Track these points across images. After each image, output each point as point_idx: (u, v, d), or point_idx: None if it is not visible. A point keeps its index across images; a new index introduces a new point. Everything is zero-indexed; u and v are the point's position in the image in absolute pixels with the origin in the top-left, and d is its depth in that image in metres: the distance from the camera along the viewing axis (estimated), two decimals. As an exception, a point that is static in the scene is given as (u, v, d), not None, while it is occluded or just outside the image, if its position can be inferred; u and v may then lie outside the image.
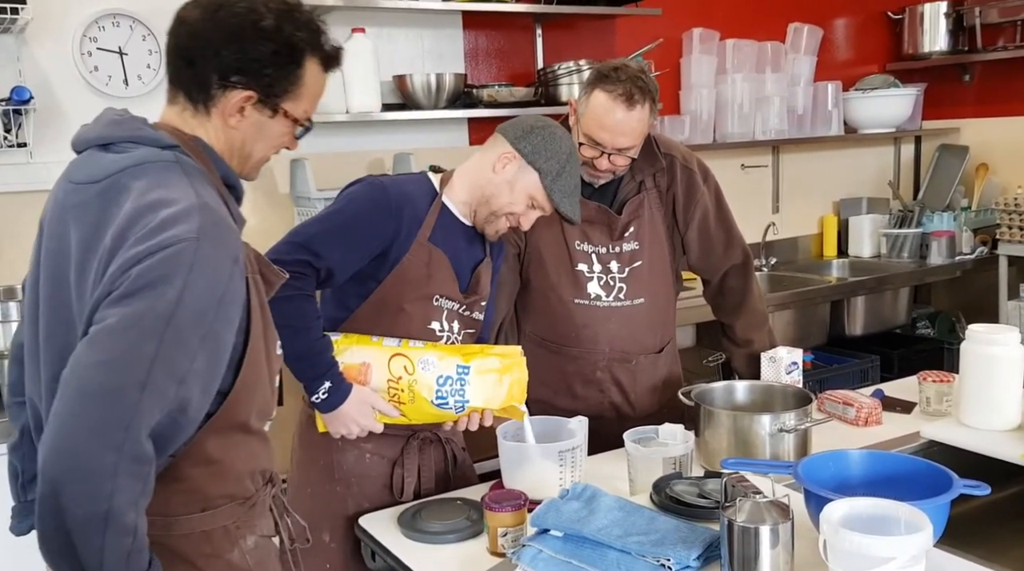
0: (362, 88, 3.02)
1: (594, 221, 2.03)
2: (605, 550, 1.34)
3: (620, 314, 2.04)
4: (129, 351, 1.04)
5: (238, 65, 1.21)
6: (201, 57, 1.22)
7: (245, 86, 1.22)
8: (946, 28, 4.34)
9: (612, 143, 1.90)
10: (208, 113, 1.24)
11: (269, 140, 1.30)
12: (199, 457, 1.21)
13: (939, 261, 4.04)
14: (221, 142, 1.27)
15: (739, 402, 1.90)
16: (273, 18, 1.22)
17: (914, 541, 1.11)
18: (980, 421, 1.85)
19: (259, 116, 1.26)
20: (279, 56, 1.23)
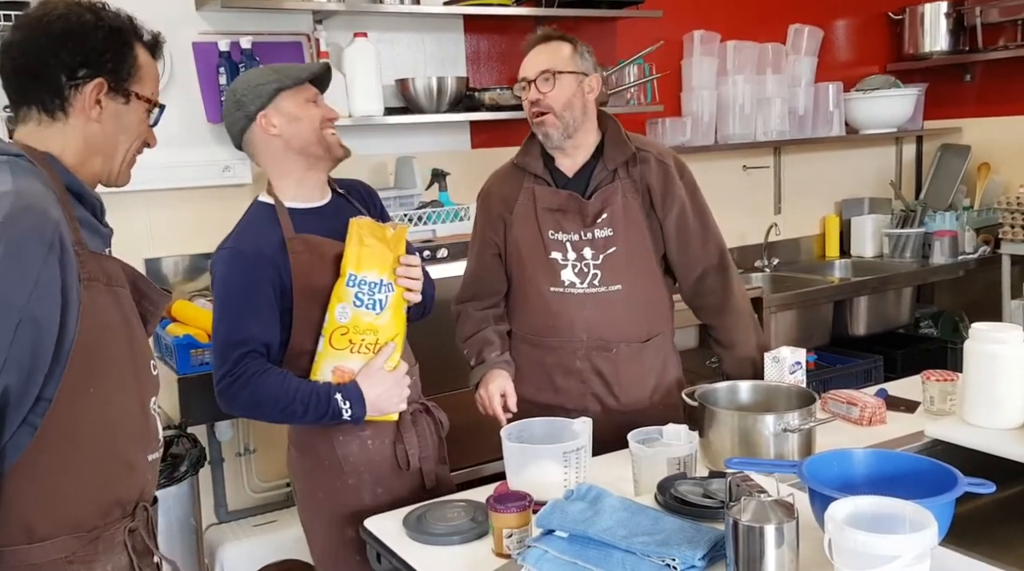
0: (364, 92, 3.03)
1: (566, 209, 2.05)
2: (610, 550, 1.34)
3: (595, 301, 2.04)
4: None
5: (80, 59, 1.27)
6: (44, 65, 1.26)
7: (93, 76, 1.28)
8: (947, 28, 4.35)
9: (531, 70, 2.01)
10: (67, 115, 1.28)
11: (129, 130, 1.34)
12: (26, 477, 1.15)
13: (942, 261, 4.04)
14: (80, 147, 1.29)
15: (743, 402, 1.90)
16: (91, 13, 1.30)
17: (919, 539, 1.11)
18: (984, 420, 1.85)
19: (115, 105, 1.31)
20: (111, 41, 1.30)
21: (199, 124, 2.96)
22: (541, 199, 2.08)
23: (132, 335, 1.28)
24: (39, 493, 1.17)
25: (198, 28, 2.94)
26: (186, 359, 2.60)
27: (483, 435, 3.00)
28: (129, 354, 1.28)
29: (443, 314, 2.89)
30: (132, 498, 1.29)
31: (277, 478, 3.24)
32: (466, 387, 2.94)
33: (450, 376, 2.93)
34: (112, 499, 1.25)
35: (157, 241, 2.94)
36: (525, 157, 2.12)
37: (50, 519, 1.18)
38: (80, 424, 1.18)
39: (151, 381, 1.34)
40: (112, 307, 1.24)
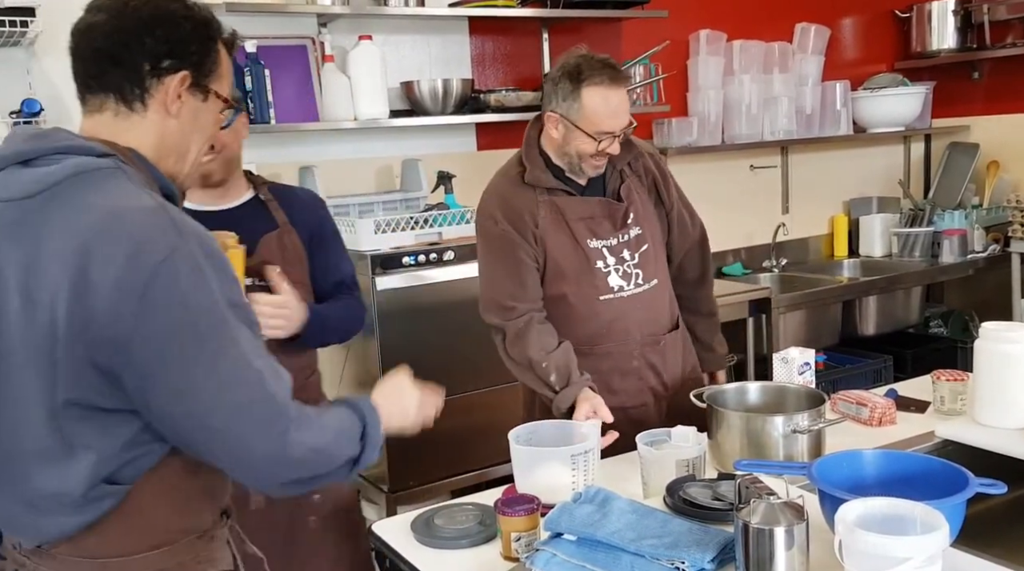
0: (370, 95, 3.03)
1: (597, 215, 2.05)
2: (619, 553, 1.33)
3: (643, 299, 2.08)
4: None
5: (167, 48, 1.20)
6: (127, 50, 1.19)
7: (178, 68, 1.21)
8: (954, 26, 4.33)
9: (619, 125, 1.95)
10: (145, 108, 1.21)
11: (204, 130, 1.28)
12: (162, 486, 1.17)
13: (951, 260, 4.02)
14: (156, 143, 1.23)
15: (751, 404, 1.90)
16: (178, 2, 1.23)
17: (930, 541, 1.10)
18: (995, 419, 1.84)
19: (194, 102, 1.24)
20: (198, 33, 1.23)
21: (205, 128, 2.96)
22: (569, 209, 2.02)
23: None
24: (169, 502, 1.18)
25: (203, 32, 2.95)
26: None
27: (490, 439, 3.00)
28: None
29: (452, 317, 2.89)
30: (227, 500, 1.32)
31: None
32: (474, 389, 2.95)
33: (458, 379, 2.93)
34: (223, 503, 1.29)
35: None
36: (535, 172, 2.02)
37: (175, 526, 1.20)
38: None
39: None
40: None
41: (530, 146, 2.05)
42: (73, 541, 1.15)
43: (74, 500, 1.12)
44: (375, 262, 2.75)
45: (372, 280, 2.75)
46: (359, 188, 3.28)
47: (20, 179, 1.14)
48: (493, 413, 3.00)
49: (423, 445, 2.87)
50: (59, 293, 1.06)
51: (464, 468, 2.97)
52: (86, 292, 1.05)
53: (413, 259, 2.80)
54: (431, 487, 2.91)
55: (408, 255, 2.80)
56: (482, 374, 2.96)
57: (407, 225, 2.87)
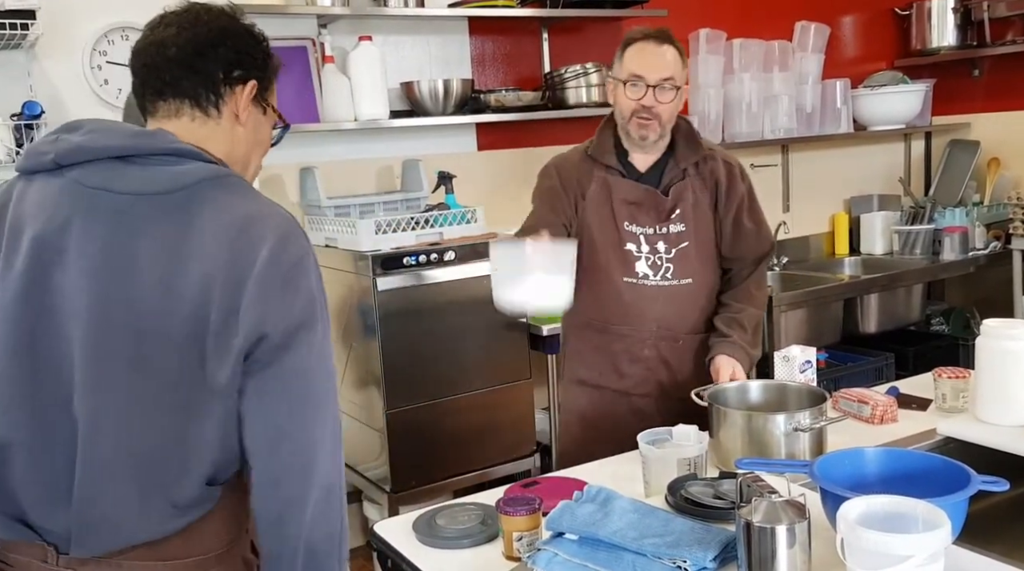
0: (370, 96, 3.04)
1: (642, 202, 2.09)
2: (621, 552, 1.33)
3: (667, 293, 2.09)
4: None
5: (237, 58, 1.27)
6: (202, 59, 1.25)
7: (247, 78, 1.28)
8: (954, 23, 4.33)
9: (652, 74, 2.00)
10: (219, 114, 1.27)
11: (262, 143, 1.35)
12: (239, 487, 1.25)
13: (952, 257, 4.02)
14: (228, 151, 1.29)
15: (753, 402, 1.90)
16: (239, 20, 1.31)
17: (933, 538, 1.10)
18: (997, 417, 1.83)
19: (256, 113, 1.31)
20: (261, 49, 1.31)
21: (205, 130, 2.97)
22: (617, 190, 2.10)
23: None
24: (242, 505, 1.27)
25: (203, 34, 2.95)
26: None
27: (492, 439, 3.01)
28: None
29: (453, 318, 2.89)
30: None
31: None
32: (475, 389, 2.95)
33: (460, 379, 2.93)
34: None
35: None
36: (599, 149, 2.12)
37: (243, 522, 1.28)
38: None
39: None
40: None
41: (605, 124, 2.15)
42: (153, 546, 1.18)
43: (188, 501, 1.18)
44: (376, 262, 2.75)
45: (373, 281, 2.75)
46: (360, 189, 3.28)
47: (140, 175, 1.18)
48: (494, 413, 3.00)
49: (425, 445, 2.88)
50: (209, 287, 1.13)
51: (466, 468, 2.97)
52: (236, 285, 1.13)
53: (414, 259, 2.81)
54: (433, 487, 2.91)
55: (409, 255, 2.80)
56: (483, 374, 2.96)
57: (408, 225, 2.88)
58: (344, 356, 3.03)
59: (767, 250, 2.22)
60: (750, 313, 2.15)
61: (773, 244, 2.25)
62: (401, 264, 2.79)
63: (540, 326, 3.04)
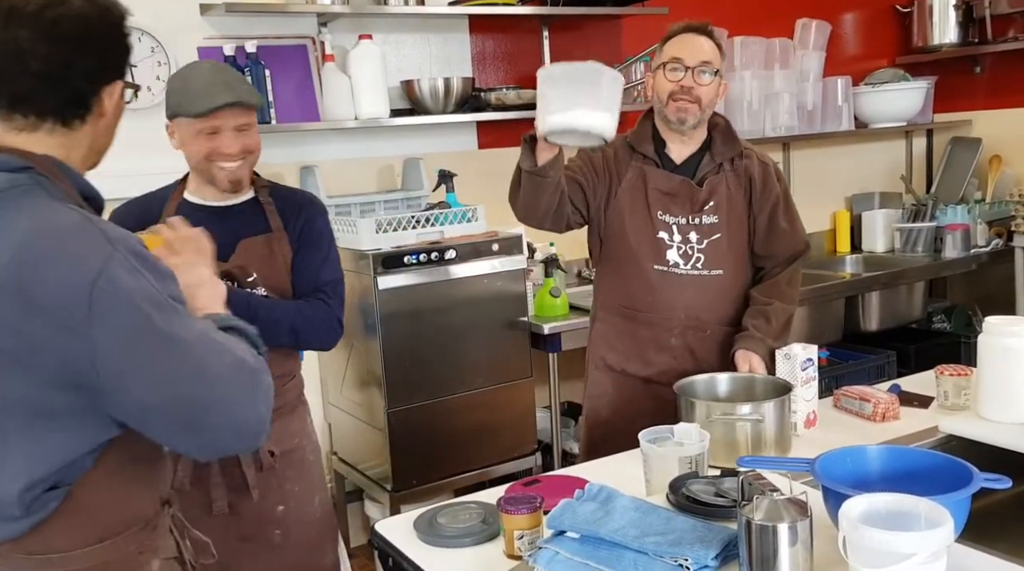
0: (370, 94, 3.03)
1: (676, 193, 2.13)
2: (622, 551, 1.33)
3: (697, 283, 2.11)
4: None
5: (101, 64, 1.18)
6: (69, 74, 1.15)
7: (112, 79, 1.20)
8: (956, 20, 4.32)
9: (691, 57, 2.05)
10: (84, 123, 1.18)
11: (119, 118, 1.26)
12: (102, 482, 1.17)
13: (954, 255, 4.02)
14: (87, 150, 1.22)
15: (720, 394, 1.93)
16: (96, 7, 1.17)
17: (935, 536, 1.10)
18: (999, 414, 1.83)
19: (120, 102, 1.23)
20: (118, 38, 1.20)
21: (206, 129, 2.96)
22: (652, 179, 2.13)
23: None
24: (115, 495, 1.19)
25: (203, 33, 2.95)
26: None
27: (493, 437, 3.00)
28: None
29: (455, 316, 2.89)
30: (167, 489, 1.33)
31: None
32: (476, 388, 2.95)
33: (461, 378, 2.93)
34: (164, 493, 1.30)
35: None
36: (638, 137, 2.16)
37: (119, 518, 1.21)
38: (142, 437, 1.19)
39: None
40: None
41: (645, 117, 2.20)
42: (17, 542, 1.16)
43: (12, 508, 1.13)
44: (377, 261, 2.75)
45: (374, 279, 2.75)
46: (360, 187, 3.27)
47: None
48: (495, 412, 3.00)
49: (426, 444, 2.88)
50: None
51: (467, 467, 2.97)
52: (31, 315, 1.05)
53: (415, 258, 2.80)
54: (434, 486, 2.91)
55: (410, 254, 2.80)
56: (484, 373, 2.96)
57: (409, 224, 2.87)
58: (345, 355, 3.03)
59: (801, 249, 2.25)
60: (777, 307, 2.15)
61: (808, 244, 2.28)
62: (402, 263, 2.79)
63: (541, 325, 3.04)
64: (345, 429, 3.15)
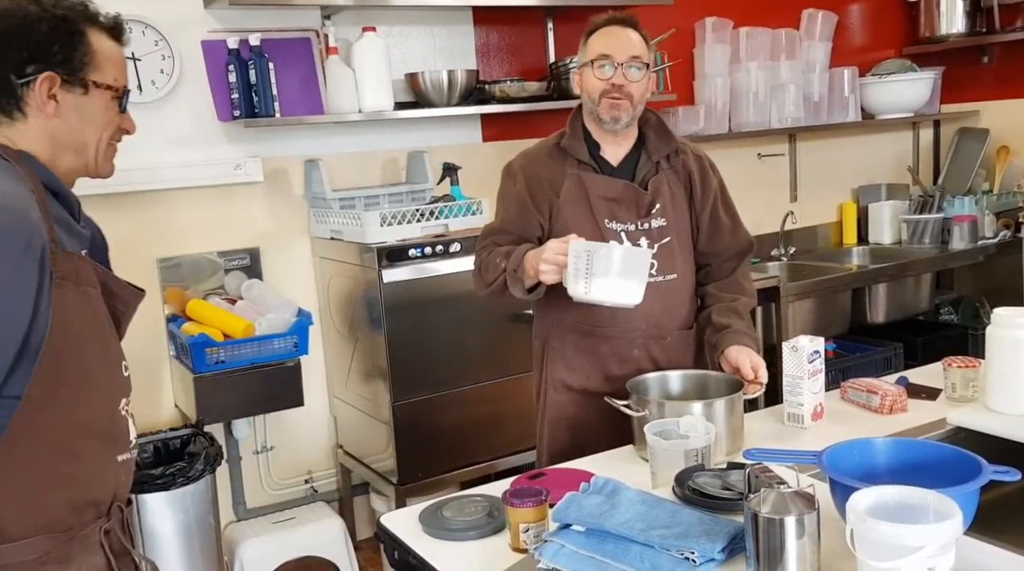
0: (374, 87, 3.02)
1: (621, 198, 2.04)
2: (628, 544, 1.32)
3: (654, 290, 2.02)
4: None
5: (27, 55, 1.22)
6: None
7: (42, 70, 1.23)
8: (963, 10, 4.29)
9: (620, 53, 1.98)
10: (25, 115, 1.24)
11: (95, 121, 1.30)
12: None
13: (961, 246, 4.00)
14: (48, 144, 1.26)
15: (673, 392, 1.93)
16: (34, 4, 1.24)
17: (944, 529, 1.09)
18: (1008, 406, 1.82)
19: (73, 98, 1.26)
20: (58, 31, 1.24)
21: (210, 122, 2.96)
22: (593, 186, 2.03)
23: (102, 336, 1.27)
24: (8, 494, 1.16)
25: (207, 26, 2.94)
26: (201, 358, 2.60)
27: (498, 430, 3.00)
28: (100, 356, 1.26)
29: (459, 309, 2.88)
30: (106, 499, 1.28)
31: (294, 475, 3.24)
32: (481, 381, 2.95)
33: (465, 371, 2.92)
34: (85, 500, 1.24)
35: (169, 241, 2.94)
36: (572, 140, 2.06)
37: (21, 520, 1.17)
38: (48, 425, 1.18)
39: (122, 383, 1.32)
40: (83, 308, 1.22)
41: (575, 118, 2.10)
42: None
43: None
44: (381, 255, 2.74)
45: (378, 273, 2.74)
46: (365, 181, 3.27)
47: None
48: (500, 405, 3.00)
49: (431, 437, 2.88)
50: None
51: (472, 460, 2.97)
52: None
53: (419, 251, 2.80)
54: (440, 479, 2.91)
55: (414, 247, 2.79)
56: (489, 366, 2.96)
57: (413, 217, 2.87)
58: (350, 348, 3.03)
59: (746, 247, 2.16)
60: (744, 302, 2.11)
61: (751, 242, 2.18)
62: (407, 256, 2.78)
63: (546, 317, 3.03)
64: (350, 422, 3.15)
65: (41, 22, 1.23)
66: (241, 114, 2.90)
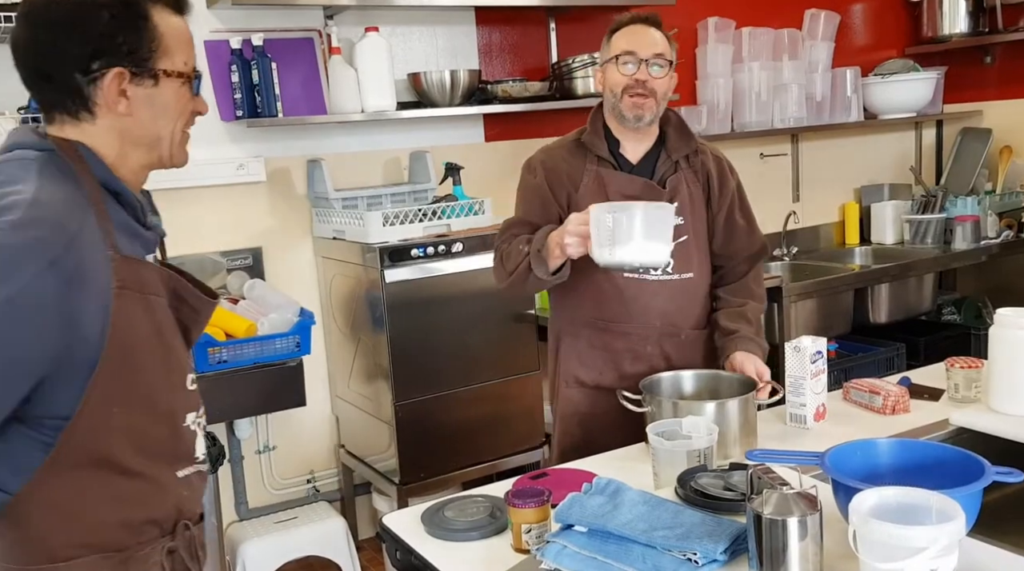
0: (377, 87, 3.02)
1: (639, 196, 2.04)
2: (630, 545, 1.33)
3: (670, 288, 2.06)
4: None
5: (90, 49, 1.11)
6: (52, 64, 1.11)
7: (110, 66, 1.12)
8: (966, 10, 4.29)
9: (643, 49, 1.98)
10: (93, 115, 1.14)
11: (169, 111, 1.19)
12: (42, 499, 1.08)
13: (964, 246, 3.99)
14: (117, 144, 1.16)
15: (686, 391, 1.93)
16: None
17: (946, 530, 1.09)
18: (1011, 407, 1.82)
19: (144, 91, 1.15)
20: (121, 18, 1.12)
21: (212, 122, 2.96)
22: (612, 183, 2.05)
23: (165, 349, 1.17)
24: (59, 514, 1.09)
25: (209, 26, 2.94)
26: (204, 357, 2.60)
27: (501, 430, 3.00)
28: (162, 370, 1.17)
29: (461, 309, 2.88)
30: (168, 517, 1.21)
31: (297, 475, 3.24)
32: (484, 381, 2.95)
33: (467, 371, 2.92)
34: (142, 518, 1.17)
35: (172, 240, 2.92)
36: (592, 137, 2.08)
37: (73, 540, 1.11)
38: (102, 443, 1.10)
39: (187, 397, 1.22)
40: (145, 319, 1.13)
41: (596, 114, 2.11)
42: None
43: None
44: (383, 254, 2.74)
45: (381, 272, 2.74)
46: (367, 181, 3.27)
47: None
48: (503, 405, 3.00)
49: (434, 437, 2.88)
50: None
51: (475, 460, 2.97)
52: None
53: (422, 251, 2.80)
54: (442, 479, 2.91)
55: (417, 247, 2.79)
56: (491, 366, 2.96)
57: (415, 217, 2.87)
58: (352, 348, 3.03)
59: (759, 250, 2.17)
60: (753, 307, 2.12)
61: (765, 245, 2.20)
62: (409, 256, 2.78)
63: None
64: (352, 422, 3.15)
65: (102, 9, 1.11)
66: (244, 114, 2.90)
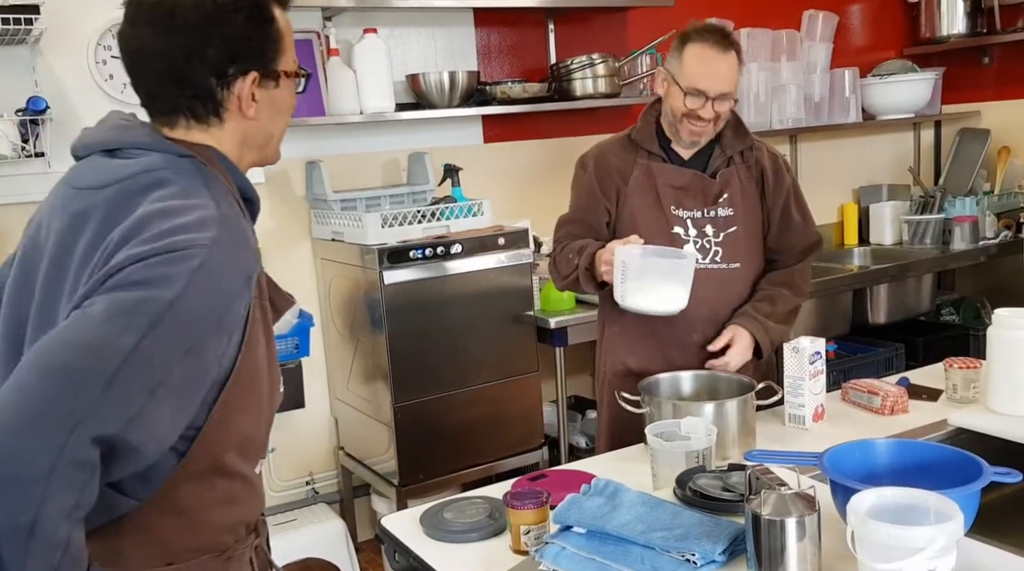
0: (375, 88, 3.02)
1: (688, 187, 2.09)
2: (629, 546, 1.33)
3: (716, 277, 2.07)
4: (106, 339, 0.92)
5: (229, 54, 1.09)
6: (188, 69, 1.09)
7: (245, 71, 1.11)
8: (964, 10, 4.29)
9: (714, 88, 1.98)
10: (221, 119, 1.13)
11: (285, 112, 1.19)
12: (170, 506, 1.08)
13: (962, 247, 3.99)
14: (238, 146, 1.16)
15: (685, 392, 1.93)
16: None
17: (944, 531, 1.09)
18: (1009, 407, 1.82)
19: (267, 93, 1.14)
20: (253, 20, 1.10)
21: (211, 124, 2.96)
22: (661, 175, 2.09)
23: (272, 354, 1.17)
24: (181, 519, 1.10)
25: (208, 28, 2.94)
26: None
27: (500, 432, 3.00)
28: (270, 375, 1.16)
29: (460, 311, 2.88)
30: (255, 514, 1.23)
31: (296, 477, 3.24)
32: (482, 383, 2.94)
33: (466, 372, 2.92)
34: (239, 518, 1.19)
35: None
36: (643, 134, 2.12)
37: (190, 543, 1.12)
38: (221, 448, 1.11)
39: (278, 400, 1.22)
40: (262, 322, 1.12)
41: (648, 110, 2.15)
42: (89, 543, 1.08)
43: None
44: (382, 256, 2.74)
45: (380, 274, 2.74)
46: (366, 182, 3.27)
47: (98, 169, 1.09)
48: (502, 406, 3.00)
49: (433, 439, 2.88)
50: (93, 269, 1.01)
51: (474, 461, 2.97)
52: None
53: (420, 253, 2.80)
54: (441, 481, 2.91)
55: (415, 249, 2.79)
56: (490, 367, 2.96)
57: (414, 219, 2.87)
58: (351, 350, 3.03)
59: (814, 242, 2.22)
60: (784, 294, 2.12)
61: (820, 238, 2.25)
62: (408, 257, 2.78)
63: (547, 319, 3.03)
64: (351, 424, 3.15)
65: (238, 11, 1.08)
66: (242, 116, 2.90)
